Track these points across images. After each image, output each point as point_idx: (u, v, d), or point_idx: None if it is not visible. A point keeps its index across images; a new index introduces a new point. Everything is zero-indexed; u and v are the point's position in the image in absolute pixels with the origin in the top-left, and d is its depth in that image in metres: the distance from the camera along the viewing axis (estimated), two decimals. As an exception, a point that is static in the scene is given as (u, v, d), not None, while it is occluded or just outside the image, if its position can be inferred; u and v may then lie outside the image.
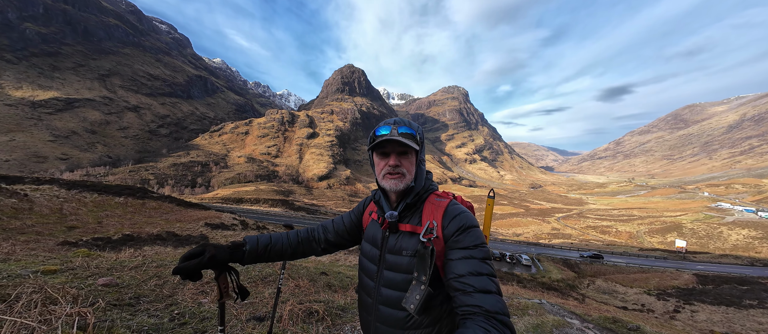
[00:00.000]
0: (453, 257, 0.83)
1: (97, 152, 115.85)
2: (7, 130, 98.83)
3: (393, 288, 0.91)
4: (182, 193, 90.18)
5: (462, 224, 0.86)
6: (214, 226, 19.07)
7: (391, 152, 0.96)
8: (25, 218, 13.62)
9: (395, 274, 0.92)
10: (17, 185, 16.84)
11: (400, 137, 0.92)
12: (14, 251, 4.92)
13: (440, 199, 0.96)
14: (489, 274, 0.78)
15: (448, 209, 0.91)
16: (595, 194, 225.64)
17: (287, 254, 1.09)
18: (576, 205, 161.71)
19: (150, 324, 1.86)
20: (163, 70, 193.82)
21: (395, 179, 0.95)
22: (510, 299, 6.30)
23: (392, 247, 0.95)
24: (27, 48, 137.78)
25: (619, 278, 27.21)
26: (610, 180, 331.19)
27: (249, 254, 1.00)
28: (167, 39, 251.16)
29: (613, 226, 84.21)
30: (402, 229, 0.95)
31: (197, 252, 0.90)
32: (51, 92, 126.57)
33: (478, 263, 0.79)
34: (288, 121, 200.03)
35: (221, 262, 0.93)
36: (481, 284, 0.75)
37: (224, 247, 0.95)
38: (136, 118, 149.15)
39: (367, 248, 1.03)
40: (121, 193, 20.74)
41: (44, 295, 1.81)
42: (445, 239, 0.87)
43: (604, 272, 29.31)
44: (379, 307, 0.94)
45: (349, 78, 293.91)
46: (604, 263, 32.35)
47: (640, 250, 46.60)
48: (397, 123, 0.96)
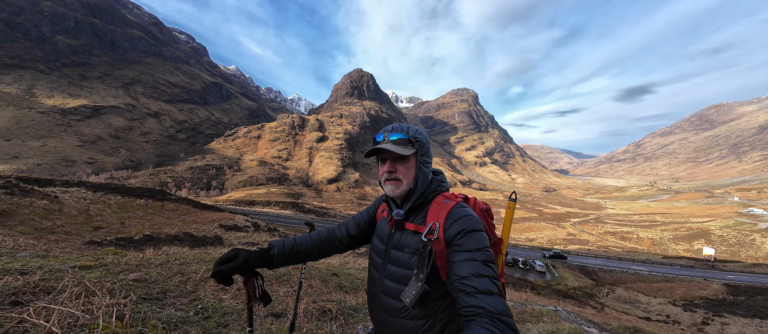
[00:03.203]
0: (456, 260, 0.85)
1: (121, 156, 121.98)
2: (40, 136, 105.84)
3: (394, 281, 0.98)
4: (198, 195, 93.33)
5: (463, 228, 0.88)
6: (228, 227, 19.62)
7: (387, 158, 1.00)
8: (56, 219, 14.51)
9: (396, 268, 0.98)
10: (48, 187, 17.97)
11: (390, 145, 0.96)
12: (50, 248, 5.28)
13: (447, 200, 0.99)
14: (491, 276, 0.80)
15: (452, 211, 0.93)
16: (613, 198, 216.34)
17: (313, 254, 1.14)
18: (593, 209, 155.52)
19: (177, 317, 2.00)
20: (181, 78, 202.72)
21: (392, 185, 1.00)
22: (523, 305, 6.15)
23: (396, 243, 1.00)
24: (59, 59, 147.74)
25: (641, 287, 25.88)
26: (629, 184, 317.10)
27: (277, 257, 1.04)
28: (186, 48, 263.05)
29: (633, 232, 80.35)
30: (407, 227, 1.00)
31: (231, 256, 0.94)
32: (80, 100, 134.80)
33: (480, 266, 0.81)
34: (298, 125, 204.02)
35: (252, 266, 0.97)
36: (484, 286, 0.77)
37: (255, 252, 0.99)
38: (156, 123, 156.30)
39: (376, 243, 1.10)
40: (142, 195, 21.73)
41: (84, 288, 2.02)
42: (446, 241, 0.89)
43: (624, 281, 27.95)
44: (381, 296, 1.02)
45: (358, 82, 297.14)
46: (625, 272, 30.89)
47: (663, 258, 44.18)
48: (392, 130, 1.00)
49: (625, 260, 39.06)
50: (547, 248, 48.72)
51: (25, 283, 2.03)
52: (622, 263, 36.73)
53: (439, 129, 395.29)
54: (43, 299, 1.79)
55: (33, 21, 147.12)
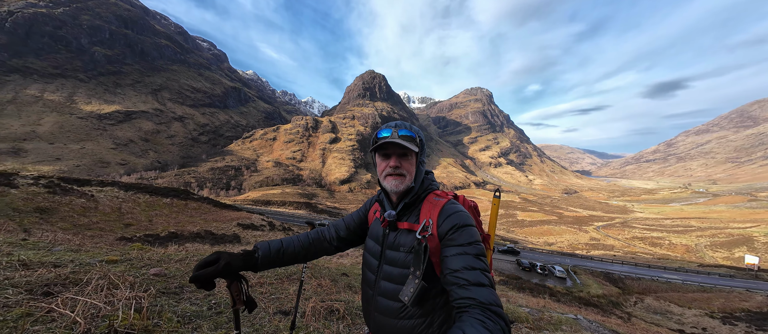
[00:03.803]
0: (448, 254, 0.87)
1: (149, 158, 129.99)
2: (79, 140, 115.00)
3: (391, 281, 0.98)
4: (218, 195, 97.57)
5: (456, 223, 0.90)
6: (245, 226, 20.32)
7: (392, 154, 1.01)
8: (92, 216, 15.66)
9: (393, 268, 0.98)
10: (86, 186, 19.43)
11: (400, 140, 0.97)
12: (83, 243, 5.69)
13: (439, 198, 1.01)
14: (482, 269, 0.82)
15: (444, 208, 0.96)
16: (642, 201, 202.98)
17: (300, 257, 1.12)
18: (619, 213, 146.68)
19: (191, 311, 2.09)
20: (204, 84, 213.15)
21: (396, 180, 1.00)
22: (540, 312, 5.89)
23: (391, 243, 1.01)
24: (95, 68, 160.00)
25: (674, 296, 24.05)
26: (660, 186, 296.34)
27: (262, 261, 1.02)
28: (208, 55, 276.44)
29: (665, 237, 74.94)
30: (400, 227, 1.01)
31: (212, 260, 0.92)
32: (114, 106, 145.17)
33: (472, 259, 0.83)
34: (312, 127, 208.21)
35: (235, 270, 0.95)
36: (475, 278, 0.79)
37: (238, 255, 0.98)
38: (181, 127, 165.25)
39: (370, 244, 1.09)
40: (167, 194, 23.00)
41: (108, 281, 2.16)
42: (440, 237, 0.91)
43: (655, 290, 26.09)
44: (377, 298, 1.01)
45: (370, 83, 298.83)
46: (656, 280, 28.84)
47: (699, 266, 40.84)
48: (397, 126, 1.02)
49: (656, 267, 36.48)
50: (568, 253, 46.48)
51: (57, 275, 2.18)
52: (652, 271, 34.35)
53: (451, 129, 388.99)
54: (71, 291, 1.92)
55: (73, 34, 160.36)
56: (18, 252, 2.84)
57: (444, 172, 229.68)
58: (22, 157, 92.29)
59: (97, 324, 1.52)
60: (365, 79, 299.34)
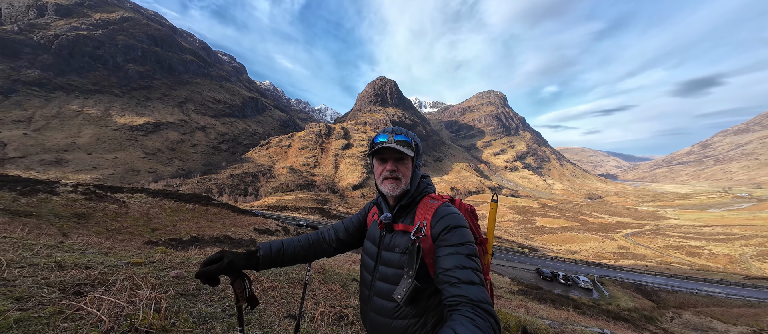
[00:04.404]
0: (441, 254, 0.89)
1: (175, 166, 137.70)
2: (113, 150, 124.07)
3: (385, 281, 1.01)
4: (236, 201, 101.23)
5: (449, 224, 0.93)
6: (261, 231, 20.86)
7: (388, 158, 1.05)
8: (123, 221, 16.70)
9: (388, 268, 1.02)
10: (118, 193, 20.83)
11: (395, 145, 1.01)
12: (113, 246, 6.08)
13: (433, 201, 1.05)
14: (473, 268, 0.84)
15: (438, 210, 0.99)
16: (676, 206, 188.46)
17: (300, 257, 1.17)
18: (650, 219, 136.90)
19: (207, 313, 2.17)
20: (224, 95, 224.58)
21: (392, 184, 1.04)
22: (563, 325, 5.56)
23: (387, 244, 1.05)
24: (129, 84, 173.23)
25: (716, 311, 21.92)
26: (696, 190, 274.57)
27: (263, 260, 1.08)
28: (228, 68, 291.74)
29: (704, 246, 68.84)
30: (396, 229, 1.05)
31: (216, 258, 0.98)
32: (144, 118, 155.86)
33: (463, 258, 0.86)
34: (325, 133, 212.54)
35: (237, 268, 1.00)
36: (466, 276, 0.82)
37: (241, 254, 1.03)
38: (203, 136, 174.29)
39: (368, 246, 1.14)
40: (190, 200, 24.16)
41: (132, 282, 2.31)
42: (433, 238, 0.94)
43: (694, 304, 23.93)
44: (373, 298, 1.04)
45: (381, 90, 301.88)
46: (695, 293, 26.45)
47: (745, 278, 37.07)
48: (394, 131, 1.06)
49: (695, 279, 33.53)
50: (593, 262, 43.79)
51: (88, 276, 2.34)
52: (690, 283, 31.59)
53: (464, 133, 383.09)
54: (99, 290, 2.06)
55: (110, 53, 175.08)
56: (55, 254, 3.09)
57: (457, 177, 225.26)
58: (64, 166, 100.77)
59: (119, 323, 1.64)
60: (376, 85, 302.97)
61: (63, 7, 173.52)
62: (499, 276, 24.76)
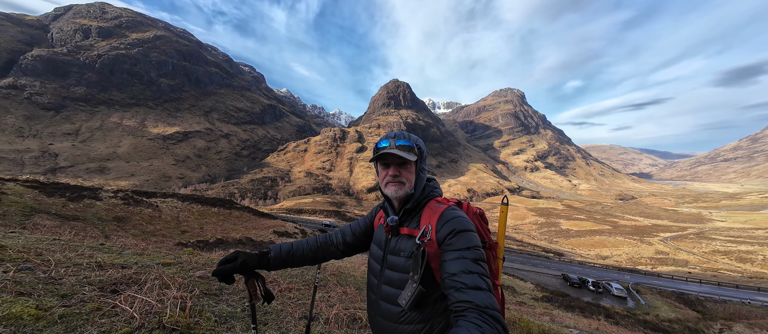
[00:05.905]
0: (447, 258, 0.88)
1: (202, 172, 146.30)
2: (148, 158, 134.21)
3: (391, 285, 1.01)
4: (257, 204, 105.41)
5: (454, 228, 0.92)
6: (280, 233, 21.53)
7: (391, 163, 1.06)
8: (156, 224, 17.94)
9: (393, 273, 1.01)
10: (152, 198, 22.42)
11: (397, 150, 1.02)
12: (147, 247, 6.54)
13: (439, 204, 1.04)
14: (480, 273, 0.83)
15: (443, 213, 0.98)
16: (722, 207, 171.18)
17: (309, 259, 1.21)
18: (692, 222, 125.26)
19: (227, 312, 2.29)
20: (245, 103, 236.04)
21: (395, 187, 1.05)
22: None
23: (393, 248, 1.05)
24: (161, 96, 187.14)
25: (773, 325, 19.46)
26: (746, 189, 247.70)
27: (274, 261, 1.13)
28: (248, 78, 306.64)
29: (757, 251, 61.74)
30: (402, 232, 1.05)
31: (231, 258, 1.05)
32: (175, 128, 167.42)
33: (469, 263, 0.84)
34: (339, 137, 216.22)
35: (250, 268, 1.06)
36: (473, 282, 0.80)
37: (253, 254, 1.09)
38: (227, 143, 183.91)
39: (374, 249, 1.14)
40: (215, 204, 25.49)
41: (161, 281, 2.47)
42: (439, 242, 0.93)
43: (746, 315, 21.45)
44: (379, 302, 1.04)
45: (394, 92, 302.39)
46: (747, 303, 23.73)
47: (811, 288, 32.64)
48: (396, 137, 1.07)
49: (746, 288, 30.13)
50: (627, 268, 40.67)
51: (123, 275, 2.54)
52: (741, 292, 28.45)
53: (480, 133, 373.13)
54: (132, 289, 2.25)
55: (145, 69, 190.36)
56: (96, 255, 3.37)
57: (473, 178, 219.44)
58: (106, 174, 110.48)
59: (149, 320, 1.79)
60: (389, 88, 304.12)
61: (104, 29, 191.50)
62: (522, 282, 23.70)
